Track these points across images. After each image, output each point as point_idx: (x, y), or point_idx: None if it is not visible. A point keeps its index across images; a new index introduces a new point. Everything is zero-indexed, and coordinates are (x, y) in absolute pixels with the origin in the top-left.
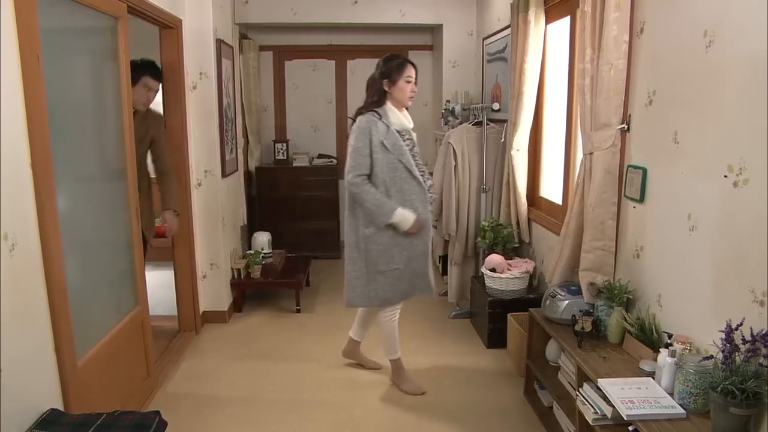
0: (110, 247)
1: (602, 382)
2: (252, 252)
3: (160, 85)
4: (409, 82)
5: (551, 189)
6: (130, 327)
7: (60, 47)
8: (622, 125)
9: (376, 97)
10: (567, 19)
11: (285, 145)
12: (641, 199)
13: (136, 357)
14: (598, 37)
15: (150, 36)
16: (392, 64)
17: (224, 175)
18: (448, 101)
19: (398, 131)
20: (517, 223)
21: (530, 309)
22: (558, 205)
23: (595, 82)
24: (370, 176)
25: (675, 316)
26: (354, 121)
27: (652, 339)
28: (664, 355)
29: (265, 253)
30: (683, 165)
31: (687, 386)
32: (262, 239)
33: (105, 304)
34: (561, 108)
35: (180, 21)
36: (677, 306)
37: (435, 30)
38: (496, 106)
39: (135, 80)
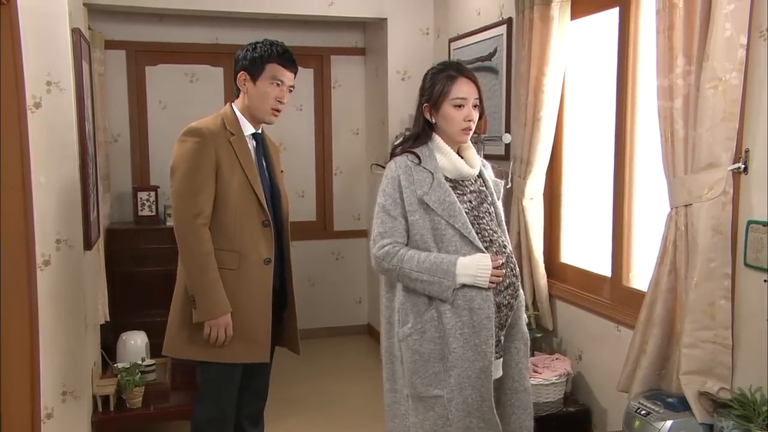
0: None
1: None
2: (125, 366)
3: None
4: (459, 106)
5: (578, 252)
6: None
7: None
8: (737, 165)
9: (416, 131)
10: (612, 12)
11: (153, 194)
12: None
13: None
14: (700, 41)
15: None
16: (434, 77)
17: (88, 246)
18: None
19: (452, 180)
20: (534, 302)
21: None
22: (599, 275)
23: (693, 105)
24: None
25: None
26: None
27: None
28: None
29: (145, 366)
30: None
31: None
32: (137, 343)
33: None
34: (597, 138)
35: None
36: None
37: (369, 27)
38: (507, 138)
39: (256, 73)
